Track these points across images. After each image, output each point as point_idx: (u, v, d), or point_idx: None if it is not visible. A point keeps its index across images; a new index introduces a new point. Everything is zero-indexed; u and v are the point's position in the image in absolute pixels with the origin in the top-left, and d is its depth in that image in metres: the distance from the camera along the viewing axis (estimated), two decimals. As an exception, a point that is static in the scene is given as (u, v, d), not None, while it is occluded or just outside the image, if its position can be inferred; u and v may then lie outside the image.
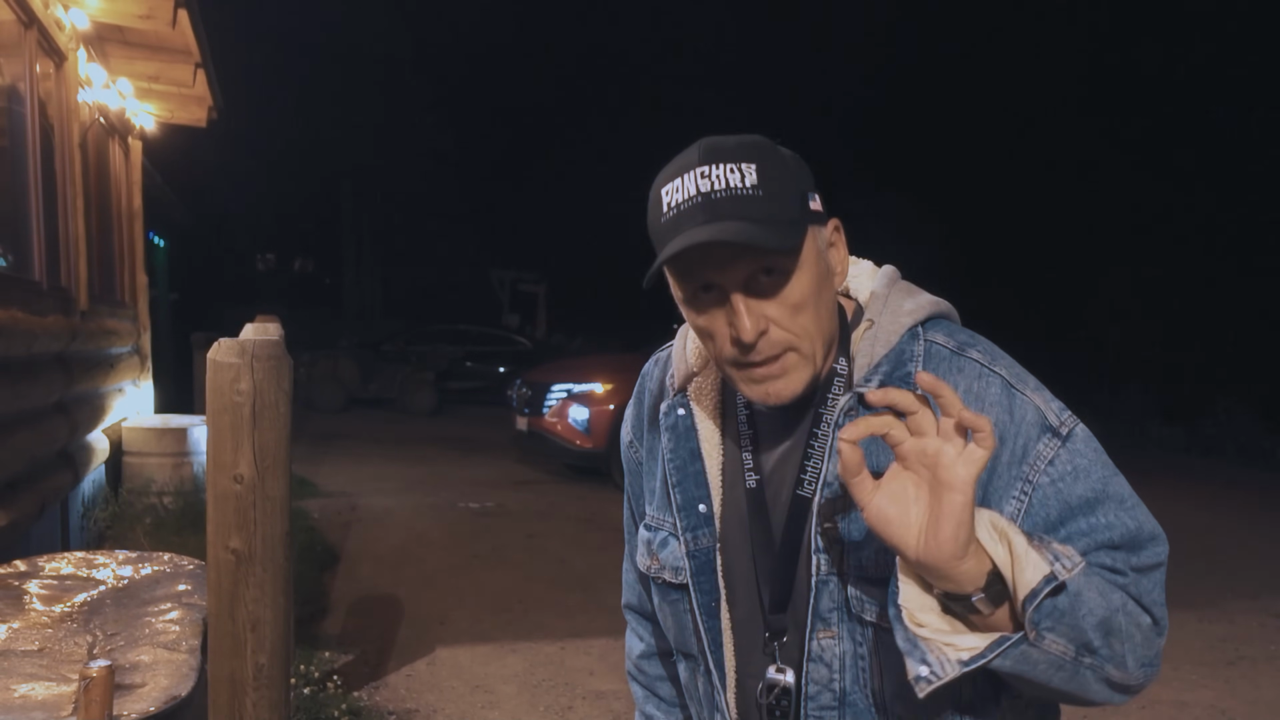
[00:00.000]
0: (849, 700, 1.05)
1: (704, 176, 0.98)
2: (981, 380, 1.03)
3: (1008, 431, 1.01)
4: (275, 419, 1.97)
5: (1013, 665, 0.90)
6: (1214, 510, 8.97)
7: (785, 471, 1.10)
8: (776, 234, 0.96)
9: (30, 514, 3.89)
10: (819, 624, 1.05)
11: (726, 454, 1.15)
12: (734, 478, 1.14)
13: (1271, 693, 4.41)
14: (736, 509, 1.13)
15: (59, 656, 2.15)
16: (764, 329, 0.99)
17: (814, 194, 1.04)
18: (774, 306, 0.99)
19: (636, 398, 1.29)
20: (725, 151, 0.99)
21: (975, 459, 0.84)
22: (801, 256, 1.00)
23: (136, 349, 7.12)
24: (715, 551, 1.14)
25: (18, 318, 3.83)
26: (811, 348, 1.02)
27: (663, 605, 1.22)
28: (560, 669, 4.31)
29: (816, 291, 1.01)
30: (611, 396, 8.48)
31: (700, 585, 1.14)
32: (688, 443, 1.16)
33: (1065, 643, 0.90)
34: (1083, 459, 1.01)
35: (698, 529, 1.14)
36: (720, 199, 0.97)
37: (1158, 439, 13.86)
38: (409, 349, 16.09)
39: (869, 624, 1.03)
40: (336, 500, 7.65)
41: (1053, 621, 0.88)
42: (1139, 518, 1.00)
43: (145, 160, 7.83)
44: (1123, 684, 0.96)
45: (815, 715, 1.06)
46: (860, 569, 1.02)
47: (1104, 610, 0.92)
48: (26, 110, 4.54)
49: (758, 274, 0.98)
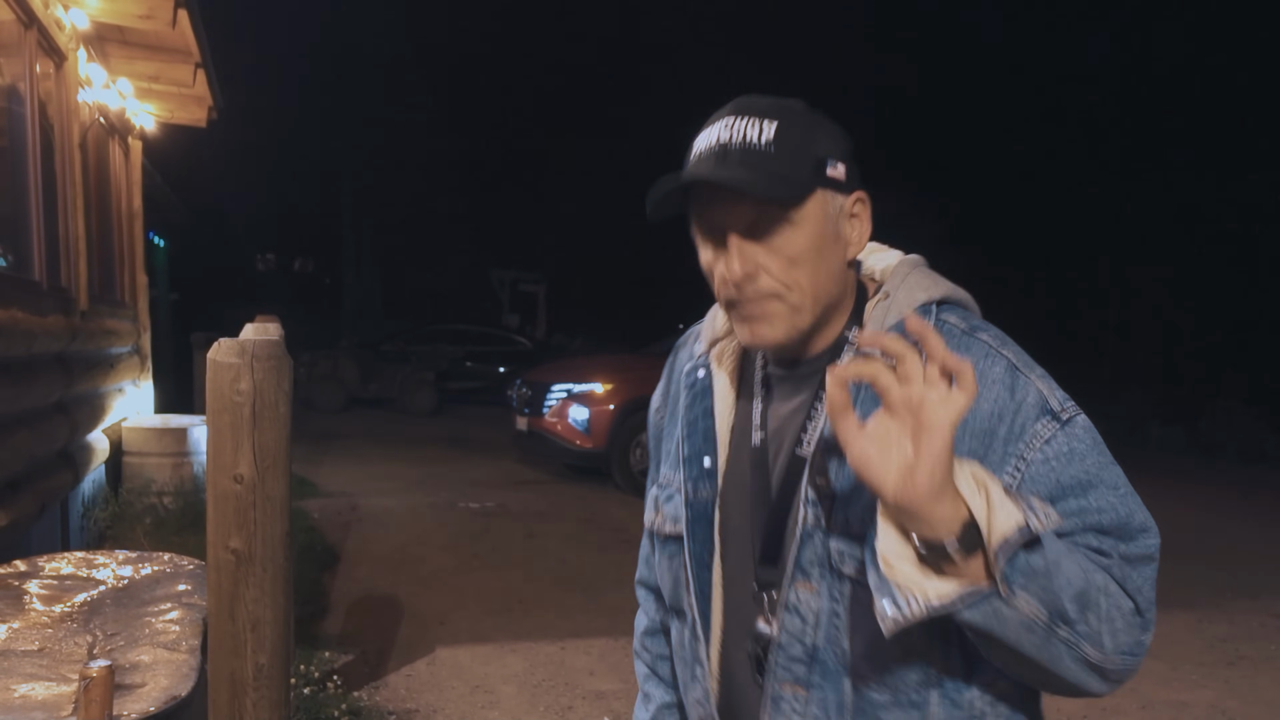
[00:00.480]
0: (819, 657, 1.07)
1: (728, 128, 1.06)
2: (988, 360, 1.05)
3: (1006, 409, 1.02)
4: (275, 419, 1.97)
5: (983, 620, 0.90)
6: (1214, 510, 8.97)
7: (789, 430, 1.13)
8: (770, 185, 1.02)
9: (30, 514, 3.89)
10: (799, 575, 1.07)
11: (738, 414, 1.19)
12: (742, 437, 1.18)
13: (1271, 693, 4.41)
14: (740, 466, 1.17)
15: (59, 656, 2.15)
16: (752, 273, 1.05)
17: (836, 161, 1.08)
18: (767, 255, 1.05)
19: (668, 367, 1.35)
20: (754, 108, 1.07)
21: (956, 403, 0.86)
22: (803, 213, 1.05)
23: (136, 349, 7.12)
24: (714, 506, 1.17)
25: (18, 318, 3.83)
26: (800, 301, 1.07)
27: (661, 560, 1.26)
28: (560, 669, 4.31)
29: (816, 251, 1.06)
30: (611, 396, 8.49)
31: (695, 534, 1.18)
32: (703, 401, 1.21)
33: (1038, 606, 0.90)
34: (1080, 444, 1.02)
35: (699, 480, 1.18)
36: (734, 149, 1.04)
37: (1158, 439, 13.86)
38: (409, 349, 16.09)
39: (847, 578, 1.04)
40: (336, 500, 7.65)
41: (1026, 579, 0.89)
42: (1130, 507, 1.01)
43: (145, 160, 7.82)
44: (1099, 666, 0.96)
45: (785, 666, 1.08)
46: (846, 525, 1.04)
47: (1082, 583, 0.92)
48: (26, 110, 4.54)
49: (758, 222, 1.05)
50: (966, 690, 1.05)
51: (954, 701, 1.05)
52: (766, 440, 1.15)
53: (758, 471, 1.14)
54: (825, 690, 1.06)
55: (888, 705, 1.05)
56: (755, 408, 1.17)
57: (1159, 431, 14.07)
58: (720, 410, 1.20)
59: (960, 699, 1.05)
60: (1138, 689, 4.31)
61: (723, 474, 1.18)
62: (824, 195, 1.06)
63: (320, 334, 18.17)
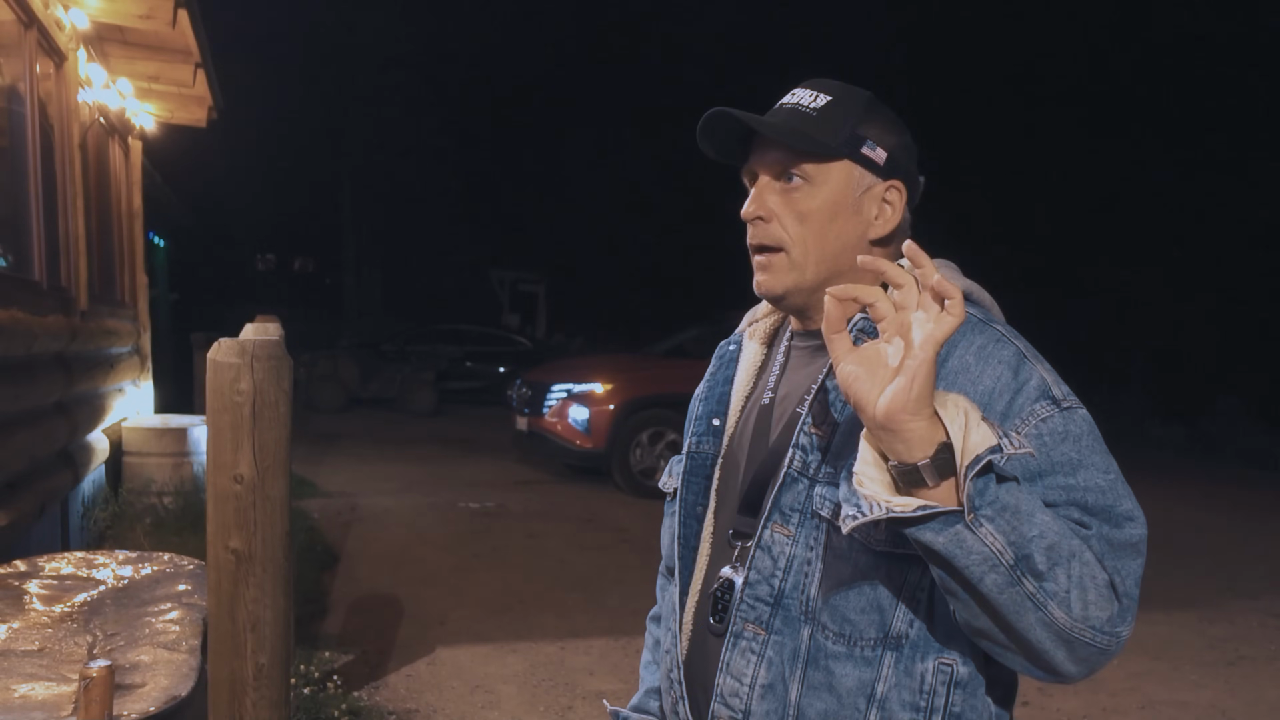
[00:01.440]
0: (783, 602, 1.08)
1: (793, 95, 1.18)
2: (999, 344, 1.07)
3: (1008, 387, 1.04)
4: (275, 419, 1.97)
5: (945, 545, 0.90)
6: (1214, 510, 8.97)
7: (796, 393, 1.17)
8: (795, 138, 1.12)
9: (30, 514, 3.89)
10: (777, 516, 1.09)
11: (757, 383, 1.25)
12: (754, 401, 1.23)
13: (1271, 693, 4.41)
14: (747, 428, 1.21)
15: (59, 656, 2.15)
16: (765, 217, 1.14)
17: (878, 146, 1.14)
18: (782, 205, 1.13)
19: (714, 358, 1.38)
20: (822, 84, 1.18)
21: (944, 323, 0.88)
22: (824, 176, 1.12)
23: (136, 349, 7.12)
24: (715, 464, 1.22)
25: (18, 318, 3.83)
26: (803, 257, 1.13)
27: (666, 521, 1.31)
28: (560, 669, 4.31)
29: (828, 215, 1.13)
30: (611, 396, 8.48)
31: (690, 485, 1.22)
32: (727, 370, 1.28)
33: (1004, 543, 0.90)
34: (1076, 429, 1.03)
35: (704, 437, 1.25)
36: (785, 109, 1.16)
37: (1158, 439, 13.85)
38: (409, 349, 16.09)
39: (824, 520, 1.06)
40: (336, 500, 7.65)
41: (993, 511, 0.89)
42: (1119, 493, 1.01)
43: (145, 160, 7.82)
44: (1067, 635, 0.93)
45: (749, 604, 1.10)
46: (832, 476, 1.06)
47: (1055, 539, 0.92)
48: (26, 110, 4.54)
49: (783, 174, 1.13)
50: (921, 663, 1.04)
51: (907, 670, 1.04)
52: (775, 402, 1.19)
53: (761, 428, 1.18)
54: (784, 635, 1.08)
55: (840, 658, 1.05)
56: (772, 375, 1.22)
57: (1159, 431, 14.06)
58: (741, 380, 1.26)
59: (914, 669, 1.04)
60: (1138, 689, 4.31)
61: (730, 435, 1.23)
62: (851, 168, 1.13)
63: (320, 334, 18.15)
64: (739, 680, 1.09)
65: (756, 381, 1.25)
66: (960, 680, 1.04)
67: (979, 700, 1.06)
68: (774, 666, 1.08)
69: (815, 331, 1.18)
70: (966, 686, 1.05)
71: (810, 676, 1.06)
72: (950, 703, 1.04)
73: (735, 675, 1.10)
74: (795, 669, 1.07)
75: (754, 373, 1.26)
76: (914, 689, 1.04)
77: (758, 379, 1.25)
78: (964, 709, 1.05)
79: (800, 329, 1.21)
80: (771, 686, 1.08)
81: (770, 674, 1.08)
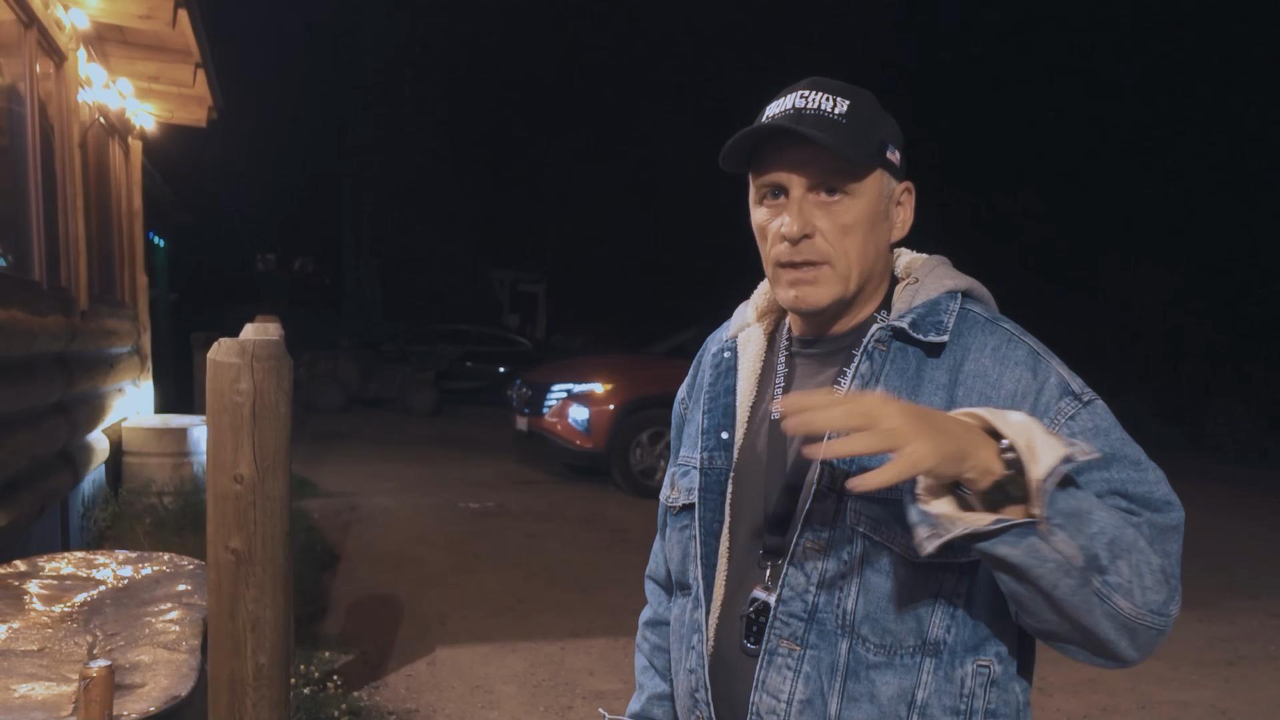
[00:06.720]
0: (818, 617, 1.08)
1: (802, 97, 1.12)
2: (1010, 344, 1.09)
3: (1029, 388, 1.06)
4: (275, 419, 1.97)
5: (1022, 556, 0.91)
6: (1214, 510, 8.96)
7: None
8: (844, 147, 1.08)
9: (30, 514, 3.89)
10: (809, 532, 1.09)
11: (760, 393, 1.23)
12: (762, 414, 1.21)
13: (1271, 693, 4.41)
14: (757, 442, 1.20)
15: (59, 656, 2.15)
16: (810, 233, 1.11)
17: (894, 147, 1.14)
18: (825, 219, 1.11)
19: (696, 361, 1.38)
20: (827, 85, 1.14)
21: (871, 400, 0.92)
22: (863, 187, 1.11)
23: (136, 349, 7.12)
24: (728, 478, 1.20)
25: (18, 318, 3.83)
26: (847, 270, 1.12)
27: (672, 535, 1.28)
28: (560, 669, 4.31)
29: (869, 225, 1.12)
30: (611, 396, 8.48)
31: (706, 502, 1.20)
32: (726, 380, 1.25)
33: (1075, 548, 0.92)
34: (1103, 421, 1.05)
35: (715, 452, 1.22)
36: (809, 114, 1.10)
37: (1158, 439, 13.84)
38: (409, 349, 16.09)
39: (860, 535, 1.06)
40: (336, 500, 7.65)
41: (1063, 519, 0.91)
42: (1154, 479, 1.04)
43: (145, 160, 7.82)
44: (1131, 624, 0.96)
45: (783, 620, 1.10)
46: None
47: (1115, 532, 0.94)
48: (26, 110, 4.54)
49: (820, 187, 1.10)
50: (960, 667, 1.06)
51: (947, 675, 1.06)
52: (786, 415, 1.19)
53: (775, 445, 1.17)
54: (819, 650, 1.08)
55: (881, 667, 1.06)
56: (777, 386, 1.21)
57: (1159, 431, 14.05)
58: (743, 388, 1.23)
59: (954, 674, 1.06)
60: (1137, 689, 4.31)
61: (739, 448, 1.21)
62: (881, 175, 1.13)
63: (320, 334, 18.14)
64: (776, 698, 1.09)
65: (759, 391, 1.23)
66: (995, 678, 1.07)
67: (1009, 694, 1.09)
68: (811, 681, 1.08)
69: (817, 339, 1.19)
70: (1000, 682, 1.08)
71: (850, 688, 1.07)
72: (987, 701, 1.07)
73: (772, 693, 1.10)
74: (834, 682, 1.07)
75: (756, 381, 1.24)
76: (954, 693, 1.06)
77: (758, 389, 1.23)
78: (999, 705, 1.08)
79: (802, 334, 1.21)
80: (810, 701, 1.08)
81: (808, 689, 1.08)
